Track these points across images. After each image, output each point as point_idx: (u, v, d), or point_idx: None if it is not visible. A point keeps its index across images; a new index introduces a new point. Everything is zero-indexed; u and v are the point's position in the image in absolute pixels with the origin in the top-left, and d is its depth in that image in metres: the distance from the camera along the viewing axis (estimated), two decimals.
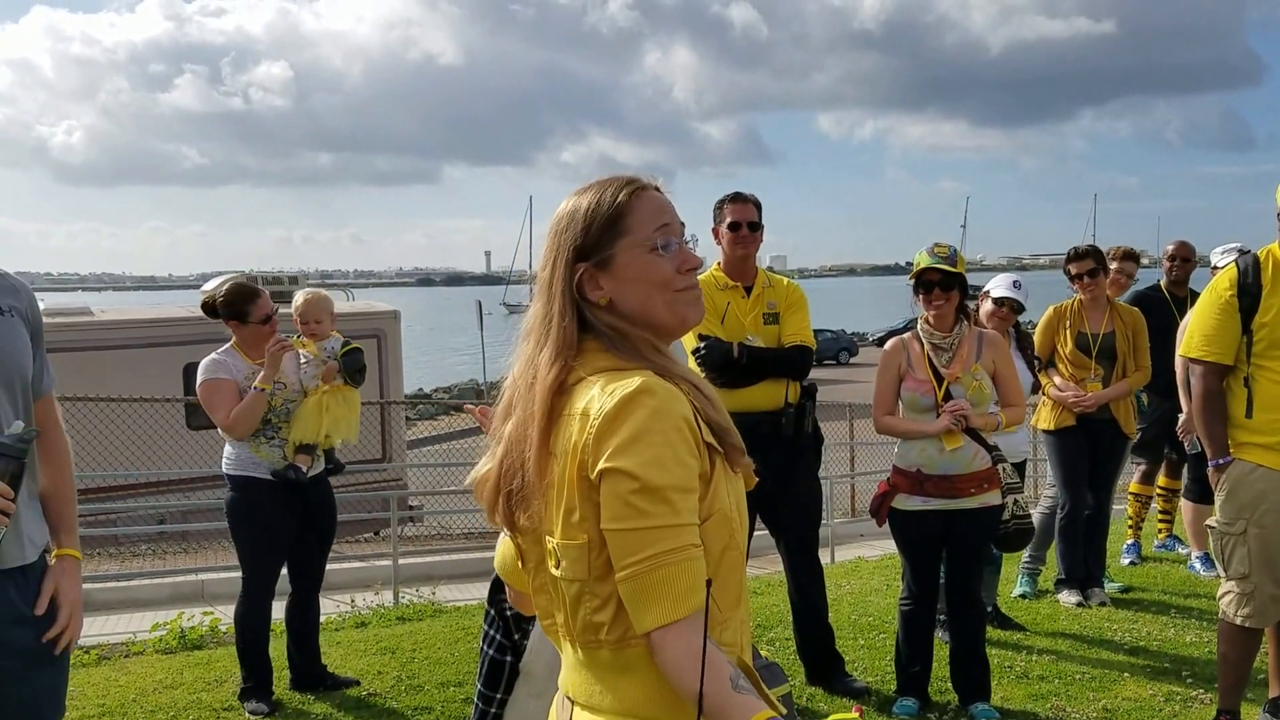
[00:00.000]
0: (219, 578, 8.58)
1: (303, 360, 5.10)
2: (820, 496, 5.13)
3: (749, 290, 4.87)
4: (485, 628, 3.03)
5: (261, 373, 4.81)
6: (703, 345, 4.69)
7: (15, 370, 2.58)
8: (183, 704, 5.04)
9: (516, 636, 2.87)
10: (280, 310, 5.12)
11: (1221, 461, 4.02)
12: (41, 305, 2.90)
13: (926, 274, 4.52)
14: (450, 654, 5.78)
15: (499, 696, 2.92)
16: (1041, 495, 7.12)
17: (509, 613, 2.89)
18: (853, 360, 46.68)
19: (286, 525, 4.96)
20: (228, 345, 4.97)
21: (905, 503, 4.60)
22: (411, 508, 12.86)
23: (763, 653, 4.29)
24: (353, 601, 7.64)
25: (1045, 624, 5.97)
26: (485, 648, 3.01)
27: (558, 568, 1.67)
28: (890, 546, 8.66)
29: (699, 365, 4.62)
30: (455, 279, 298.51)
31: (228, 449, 4.94)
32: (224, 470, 4.97)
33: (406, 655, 5.79)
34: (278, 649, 5.25)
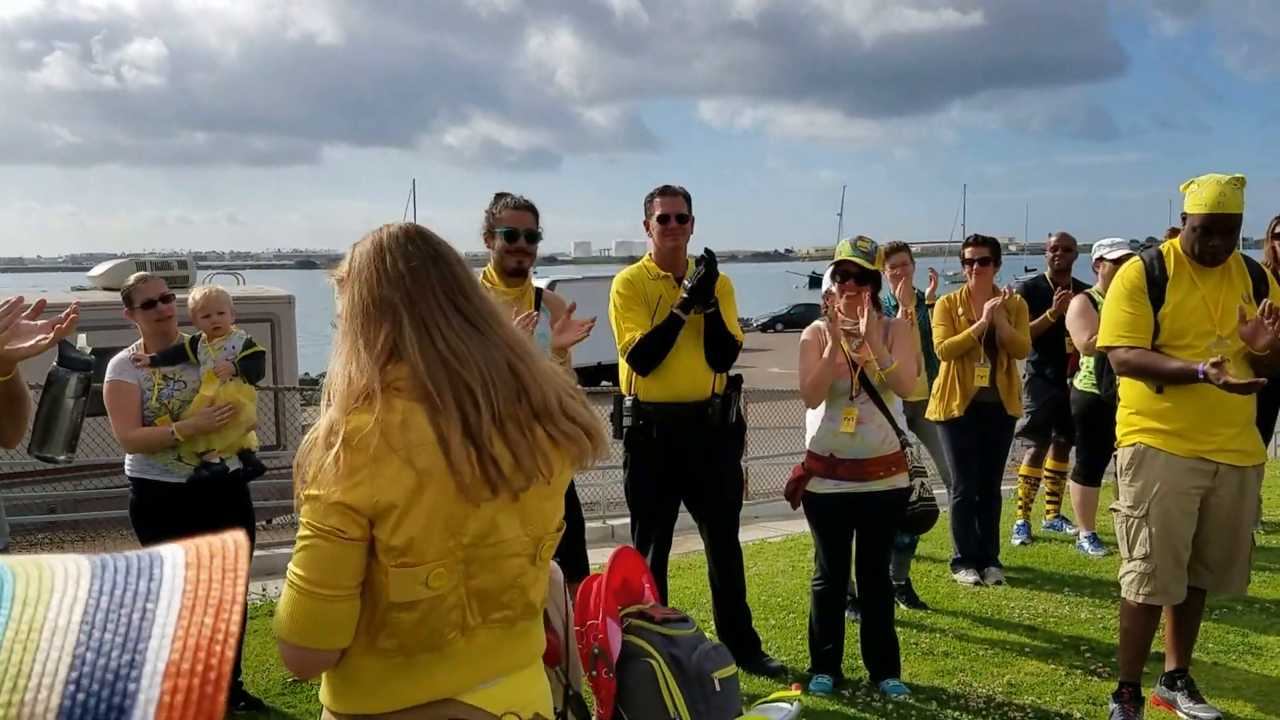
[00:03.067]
0: None
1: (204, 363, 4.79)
2: (741, 482, 5.29)
3: (680, 280, 4.98)
4: None
5: (187, 420, 4.57)
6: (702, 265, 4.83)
7: None
8: None
9: None
10: (175, 296, 4.89)
11: (1206, 366, 3.94)
12: None
13: (845, 265, 4.71)
14: None
15: None
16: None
17: None
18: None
19: (195, 528, 4.69)
20: (139, 341, 4.79)
21: (819, 486, 4.78)
22: None
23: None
24: (264, 590, 7.56)
25: (946, 602, 6.25)
26: None
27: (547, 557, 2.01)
28: (790, 528, 8.91)
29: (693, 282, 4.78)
30: (339, 261, 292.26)
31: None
32: (126, 472, 4.74)
33: None
34: None
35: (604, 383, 22.34)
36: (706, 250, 4.93)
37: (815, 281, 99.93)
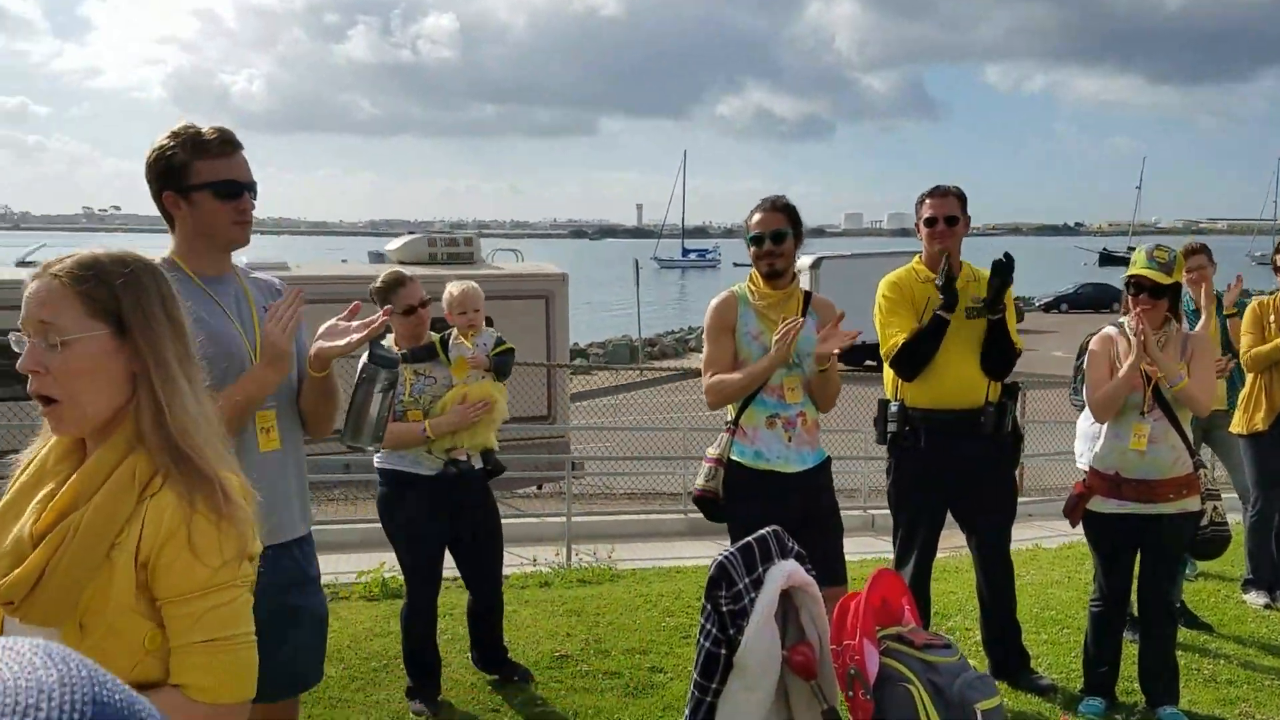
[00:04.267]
0: None
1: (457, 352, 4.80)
2: (1015, 494, 5.09)
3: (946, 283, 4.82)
4: (702, 621, 3.17)
5: (441, 418, 4.61)
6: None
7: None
8: (392, 653, 5.34)
9: (731, 632, 2.97)
10: (431, 302, 4.82)
11: None
12: (243, 260, 3.16)
13: (1139, 279, 4.48)
14: (632, 620, 5.99)
15: (714, 686, 3.04)
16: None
17: (725, 609, 3.01)
18: (1018, 326, 44.50)
19: (435, 524, 4.72)
20: (390, 336, 4.76)
21: (1101, 505, 4.58)
22: (575, 466, 13.20)
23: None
24: (534, 559, 7.96)
25: (1232, 625, 5.86)
26: (702, 640, 3.15)
27: None
28: (1066, 527, 8.54)
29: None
30: (607, 231, 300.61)
31: None
32: (375, 463, 4.78)
33: (591, 619, 6.02)
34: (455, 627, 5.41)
35: (869, 362, 21.96)
36: (1006, 254, 4.80)
37: (1106, 259, 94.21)
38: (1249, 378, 6.12)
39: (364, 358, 3.18)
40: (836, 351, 4.15)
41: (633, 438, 14.63)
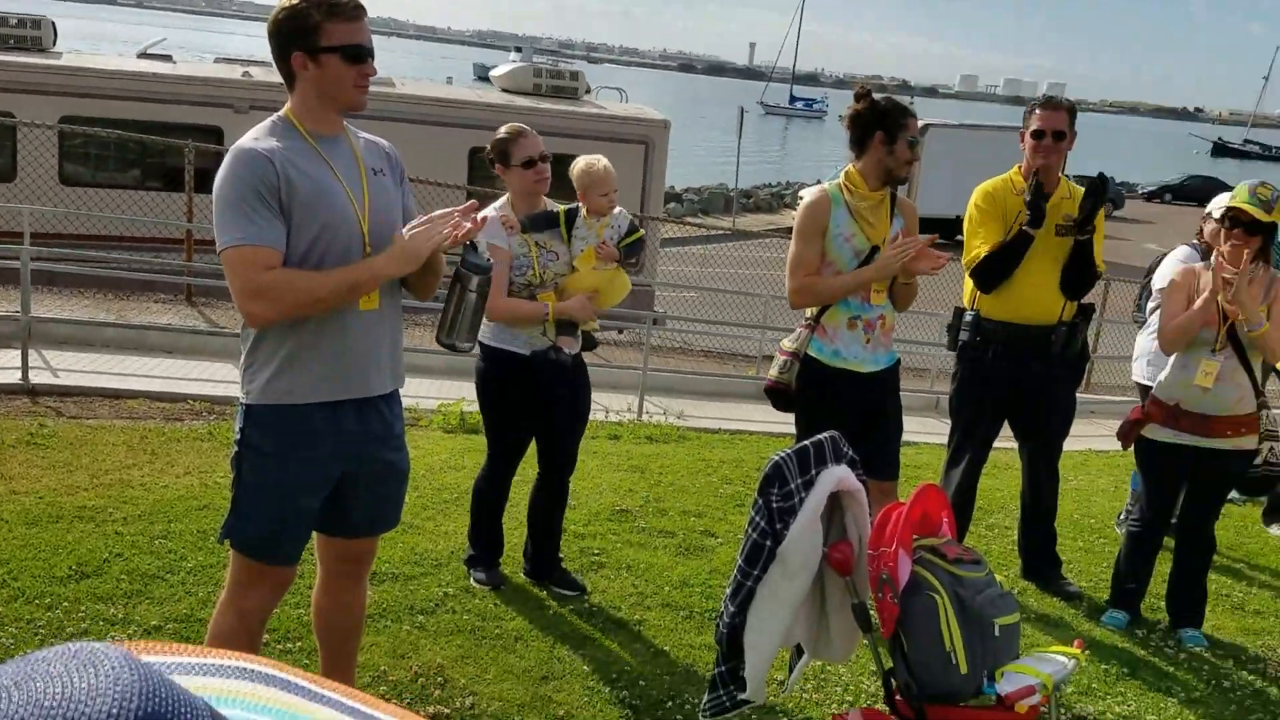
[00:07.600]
0: None
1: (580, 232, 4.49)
2: (1073, 411, 5.24)
3: (1037, 198, 4.81)
4: (752, 514, 3.41)
5: (566, 304, 4.38)
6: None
7: (389, 228, 3.03)
8: (464, 487, 5.68)
9: (778, 527, 3.21)
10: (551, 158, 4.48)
11: None
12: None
13: (1237, 212, 4.50)
14: (692, 484, 6.32)
15: (756, 573, 3.30)
16: None
17: (775, 505, 3.24)
18: (1116, 213, 43.26)
19: (533, 404, 4.54)
20: (505, 198, 4.49)
21: (1156, 433, 4.71)
22: (656, 322, 13.39)
23: (979, 542, 4.53)
24: (606, 412, 8.28)
25: (1271, 556, 6.01)
26: (750, 530, 3.40)
27: None
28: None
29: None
30: (716, 68, 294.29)
31: None
32: (479, 338, 4.36)
33: (654, 477, 6.35)
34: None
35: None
36: (1100, 175, 4.84)
37: (1219, 149, 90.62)
38: None
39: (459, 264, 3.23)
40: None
41: (716, 295, 14.81)
